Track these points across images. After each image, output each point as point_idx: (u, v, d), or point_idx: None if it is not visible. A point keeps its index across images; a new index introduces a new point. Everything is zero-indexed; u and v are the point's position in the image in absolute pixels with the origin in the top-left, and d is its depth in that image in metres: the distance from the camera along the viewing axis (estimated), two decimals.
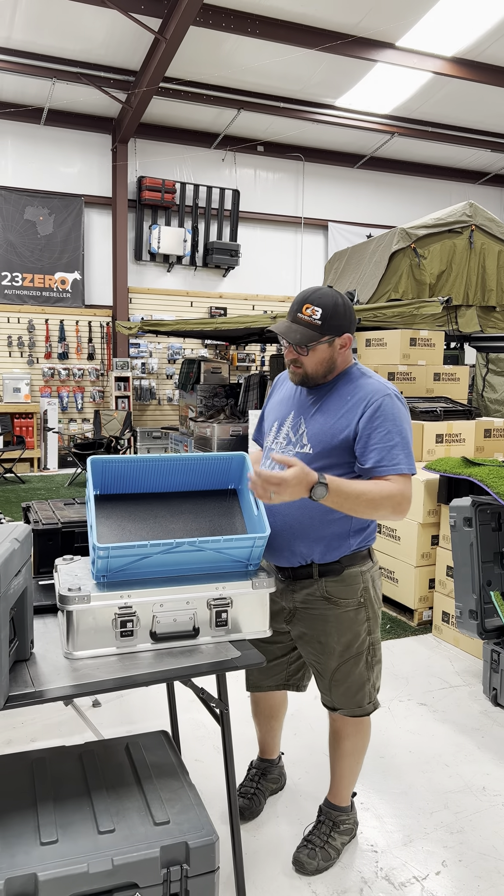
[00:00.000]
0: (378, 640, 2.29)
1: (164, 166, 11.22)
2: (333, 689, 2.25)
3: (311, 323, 2.10)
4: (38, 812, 1.79)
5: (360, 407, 2.10)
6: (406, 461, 2.06)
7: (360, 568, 2.21)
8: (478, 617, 3.44)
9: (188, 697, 3.18)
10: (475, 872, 2.29)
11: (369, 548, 2.27)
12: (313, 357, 2.13)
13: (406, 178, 12.83)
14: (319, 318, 2.09)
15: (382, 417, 2.07)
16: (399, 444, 2.06)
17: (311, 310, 2.09)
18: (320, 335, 2.10)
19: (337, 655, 2.22)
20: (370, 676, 2.26)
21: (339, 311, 2.11)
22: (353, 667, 2.22)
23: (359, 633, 2.22)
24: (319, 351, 2.13)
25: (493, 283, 7.18)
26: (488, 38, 8.24)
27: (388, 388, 2.14)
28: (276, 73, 9.19)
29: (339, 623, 2.20)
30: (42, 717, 3.13)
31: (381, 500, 2.00)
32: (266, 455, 2.32)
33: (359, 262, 7.60)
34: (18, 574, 1.78)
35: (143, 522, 2.12)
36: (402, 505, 2.03)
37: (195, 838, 1.72)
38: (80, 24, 8.12)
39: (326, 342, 2.11)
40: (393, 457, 2.05)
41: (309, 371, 2.16)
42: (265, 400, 2.47)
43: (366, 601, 2.22)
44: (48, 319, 10.73)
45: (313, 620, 2.23)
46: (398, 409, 2.11)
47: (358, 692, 2.24)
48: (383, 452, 2.05)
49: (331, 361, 2.15)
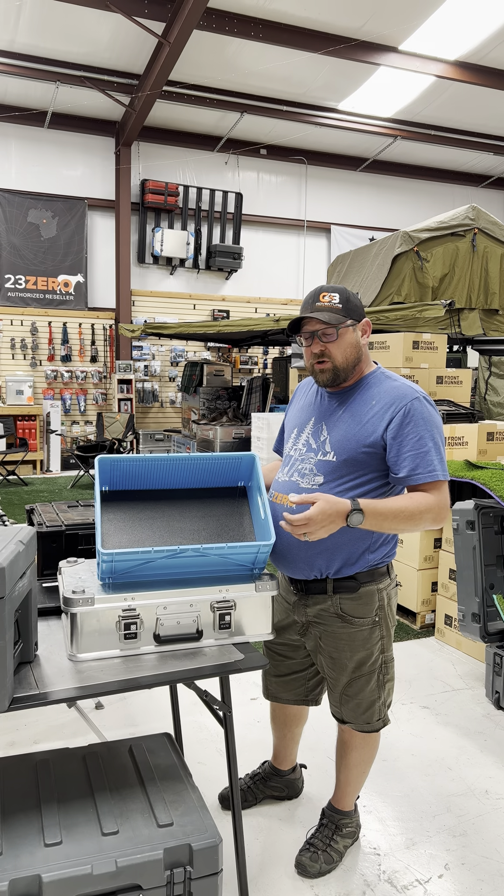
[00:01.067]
0: (391, 658, 2.23)
1: (167, 169, 11.25)
2: (343, 704, 2.23)
3: (333, 307, 2.05)
4: (42, 813, 1.79)
5: (389, 412, 2.03)
6: (441, 467, 1.99)
7: (378, 585, 2.14)
8: (480, 620, 3.44)
9: (191, 700, 3.18)
10: (478, 875, 2.29)
11: (389, 563, 2.19)
12: (342, 343, 2.06)
13: (409, 181, 12.85)
14: (339, 301, 2.06)
15: (413, 423, 2.00)
16: (432, 449, 1.99)
17: (329, 296, 2.06)
18: (345, 317, 2.06)
19: (349, 672, 2.18)
20: (381, 694, 2.21)
21: (353, 299, 2.09)
22: (364, 684, 2.19)
23: (372, 652, 2.17)
24: (347, 335, 2.07)
25: (495, 287, 7.18)
26: (491, 41, 8.26)
27: (416, 392, 2.06)
28: (280, 76, 9.21)
29: (352, 641, 2.15)
30: (46, 718, 3.13)
31: (420, 513, 1.94)
32: (284, 462, 2.24)
33: (361, 265, 7.60)
34: (23, 576, 1.78)
35: (150, 521, 2.11)
36: (442, 513, 1.98)
37: (198, 840, 1.72)
38: (84, 28, 8.15)
39: (351, 325, 2.07)
40: (427, 463, 1.97)
41: (339, 360, 2.07)
42: (285, 411, 2.41)
43: (381, 619, 2.16)
44: (51, 322, 10.75)
45: (326, 636, 2.19)
46: (429, 413, 2.03)
47: (367, 709, 2.21)
48: (417, 459, 1.98)
49: (358, 348, 2.09)
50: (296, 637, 2.30)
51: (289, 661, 2.37)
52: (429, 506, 1.95)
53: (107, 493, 2.11)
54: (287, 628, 2.31)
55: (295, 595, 2.23)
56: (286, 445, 2.28)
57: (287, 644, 2.35)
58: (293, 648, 2.35)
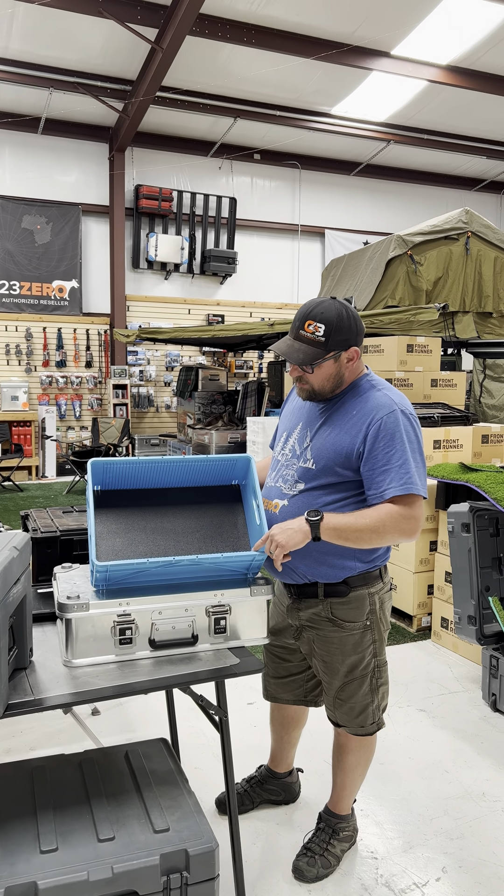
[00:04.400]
0: (384, 662, 2.23)
1: (161, 174, 11.27)
2: (337, 707, 2.24)
3: (315, 340, 2.00)
4: (38, 820, 1.79)
5: (365, 425, 2.01)
6: (414, 481, 1.96)
7: (369, 589, 2.14)
8: (476, 622, 3.45)
9: (188, 705, 3.18)
10: (475, 878, 2.29)
11: (381, 568, 2.18)
12: (319, 374, 2.05)
13: (402, 185, 12.90)
14: (323, 334, 2.00)
15: (387, 437, 1.97)
16: (405, 463, 1.96)
17: (314, 326, 2.00)
18: (325, 352, 2.01)
19: (341, 676, 2.19)
20: (374, 699, 2.22)
21: (343, 325, 2.01)
22: (357, 688, 2.19)
23: (364, 656, 2.17)
24: (325, 367, 2.04)
25: (489, 290, 7.21)
26: (482, 46, 8.30)
27: (395, 404, 2.02)
28: (273, 81, 9.24)
29: (344, 645, 2.16)
30: (41, 725, 3.13)
31: (384, 527, 1.93)
32: (272, 467, 2.26)
33: (355, 269, 7.63)
34: (17, 582, 1.78)
35: (144, 522, 2.11)
36: (410, 527, 1.95)
37: (195, 846, 1.72)
38: (78, 34, 8.16)
39: (332, 358, 2.03)
40: (400, 477, 1.95)
41: (316, 388, 2.08)
42: (281, 411, 2.41)
43: (372, 624, 2.16)
44: (46, 327, 10.75)
45: (319, 640, 2.20)
46: (403, 427, 1.99)
47: (361, 713, 2.21)
48: (390, 474, 1.96)
49: (337, 377, 2.07)
50: (291, 640, 2.31)
51: (286, 663, 2.38)
52: (394, 520, 1.94)
53: (100, 496, 2.11)
54: (283, 631, 2.32)
55: (289, 599, 2.24)
56: (275, 449, 2.29)
57: (284, 647, 2.36)
58: (290, 651, 2.35)
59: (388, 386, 2.12)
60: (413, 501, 1.97)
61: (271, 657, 2.41)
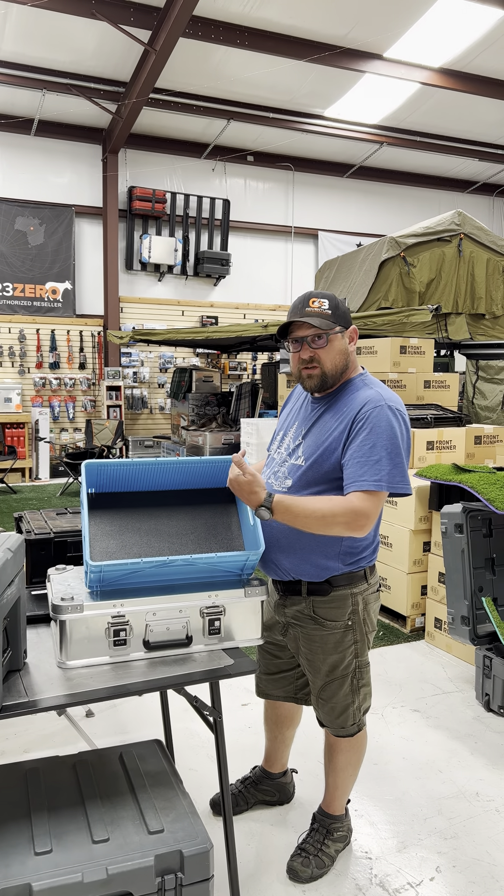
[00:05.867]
0: (366, 663, 2.24)
1: (154, 176, 11.27)
2: (320, 707, 2.26)
3: (323, 313, 2.05)
4: (32, 822, 1.79)
5: (351, 416, 2.02)
6: (380, 479, 1.93)
7: (352, 590, 2.14)
8: (470, 623, 3.46)
9: (182, 706, 3.18)
10: (469, 878, 2.30)
11: (366, 568, 2.17)
12: (331, 349, 2.07)
13: (395, 187, 12.93)
14: (328, 308, 2.06)
15: (370, 429, 1.97)
16: (383, 458, 1.94)
17: (319, 301, 2.07)
18: (334, 324, 2.06)
19: (323, 675, 2.21)
20: (355, 699, 2.23)
21: (341, 306, 2.10)
22: (337, 688, 2.21)
23: (344, 656, 2.18)
24: (337, 342, 2.08)
25: (482, 291, 7.23)
26: (475, 49, 8.34)
27: (384, 399, 2.02)
28: (266, 83, 9.26)
29: (325, 643, 2.17)
30: (35, 727, 3.12)
31: (333, 518, 1.92)
32: (267, 464, 2.29)
33: (349, 270, 7.64)
34: (11, 584, 1.78)
35: (138, 524, 2.11)
36: (358, 522, 1.92)
37: (189, 847, 1.72)
38: (71, 36, 8.16)
39: (340, 332, 2.08)
40: (374, 473, 1.93)
41: (328, 367, 2.08)
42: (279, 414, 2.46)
43: (354, 624, 2.16)
44: (39, 329, 10.73)
45: (303, 638, 2.22)
46: (388, 421, 1.98)
47: (341, 714, 2.23)
48: (365, 467, 1.94)
49: (346, 354, 2.10)
50: (279, 637, 2.33)
51: (277, 660, 2.40)
52: (345, 514, 1.91)
53: (94, 498, 2.11)
54: (272, 628, 2.34)
55: (277, 595, 2.26)
56: (272, 447, 2.31)
57: (274, 643, 2.38)
58: (280, 648, 2.38)
59: (381, 385, 2.13)
60: (375, 499, 1.94)
61: (263, 653, 2.43)
